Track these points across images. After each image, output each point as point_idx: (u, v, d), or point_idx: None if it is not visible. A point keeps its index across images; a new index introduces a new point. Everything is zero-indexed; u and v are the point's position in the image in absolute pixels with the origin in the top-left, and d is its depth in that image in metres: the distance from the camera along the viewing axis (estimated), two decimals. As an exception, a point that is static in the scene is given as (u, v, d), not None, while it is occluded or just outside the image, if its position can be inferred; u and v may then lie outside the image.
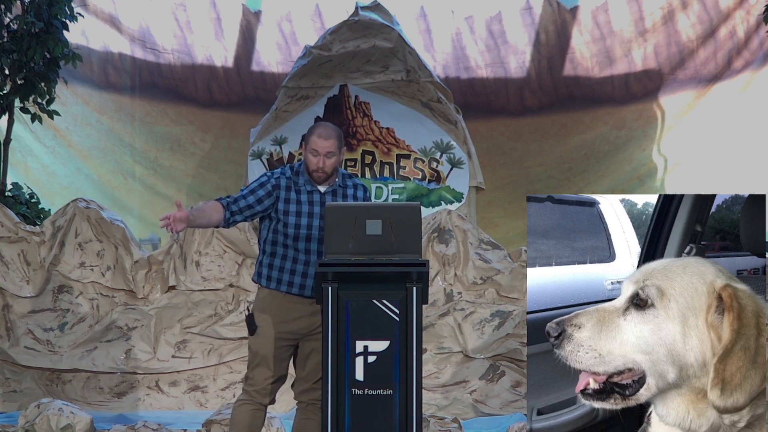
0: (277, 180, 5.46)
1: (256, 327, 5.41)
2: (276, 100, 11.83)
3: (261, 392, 5.44)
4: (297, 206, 5.41)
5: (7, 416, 7.81)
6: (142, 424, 7.21)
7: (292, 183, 5.45)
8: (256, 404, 5.45)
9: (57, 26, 10.24)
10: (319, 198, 5.43)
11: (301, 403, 5.53)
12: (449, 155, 11.50)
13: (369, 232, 4.98)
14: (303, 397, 5.51)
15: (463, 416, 7.78)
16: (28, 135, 12.80)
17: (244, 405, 5.46)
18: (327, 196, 5.43)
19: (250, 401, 5.46)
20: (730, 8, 13.93)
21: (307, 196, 5.42)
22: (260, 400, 5.45)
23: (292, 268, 5.40)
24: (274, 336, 5.39)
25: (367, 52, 11.43)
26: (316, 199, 5.42)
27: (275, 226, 5.43)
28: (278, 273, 5.43)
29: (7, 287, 8.42)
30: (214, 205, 5.42)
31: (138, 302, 8.47)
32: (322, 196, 5.43)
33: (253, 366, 5.46)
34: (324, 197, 5.42)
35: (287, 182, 5.45)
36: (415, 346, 4.95)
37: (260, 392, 5.44)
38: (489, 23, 14.41)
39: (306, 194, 5.43)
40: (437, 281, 8.42)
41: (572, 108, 14.35)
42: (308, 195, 5.43)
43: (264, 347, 5.40)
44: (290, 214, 5.40)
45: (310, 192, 5.43)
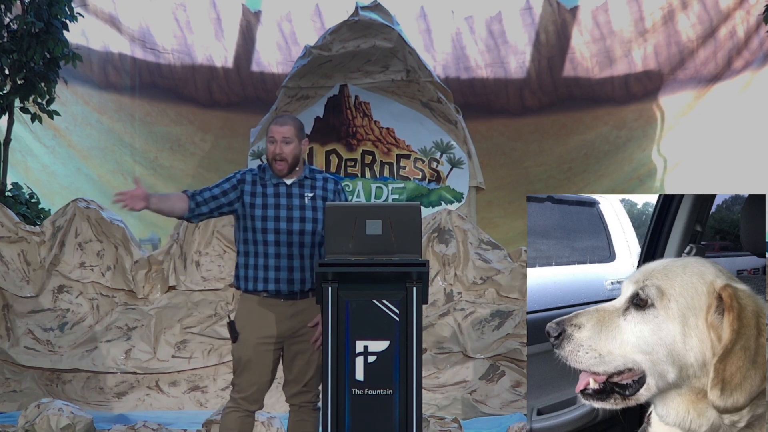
0: (243, 175, 5.46)
1: (238, 334, 5.39)
2: (276, 100, 11.84)
3: (248, 399, 5.43)
4: (263, 199, 5.39)
5: (7, 416, 7.81)
6: (142, 424, 7.21)
7: (258, 178, 5.44)
8: (243, 411, 5.44)
9: (57, 26, 10.24)
10: (285, 190, 5.40)
11: (293, 406, 5.52)
12: (449, 155, 11.50)
13: (369, 232, 4.98)
14: (294, 400, 5.50)
15: (463, 416, 7.78)
16: (28, 135, 12.80)
17: (232, 412, 5.45)
18: (294, 188, 5.40)
19: (238, 408, 5.44)
20: (730, 8, 13.94)
21: (273, 189, 5.40)
22: (248, 407, 5.45)
23: (265, 263, 5.37)
24: (255, 342, 5.37)
25: (367, 52, 11.43)
26: (282, 191, 5.40)
27: (245, 224, 5.42)
28: (253, 271, 5.40)
29: (7, 287, 8.42)
30: (180, 195, 5.42)
31: (138, 302, 8.47)
32: (289, 188, 5.40)
33: (238, 373, 5.44)
34: (290, 189, 5.40)
35: (253, 177, 5.44)
36: (415, 346, 4.95)
37: (247, 399, 5.43)
38: (489, 23, 14.41)
39: (272, 187, 5.41)
40: (437, 281, 8.42)
41: (572, 108, 14.36)
42: (274, 188, 5.41)
43: (247, 354, 5.39)
44: (256, 207, 5.38)
45: (276, 185, 5.41)
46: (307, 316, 5.39)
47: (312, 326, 5.36)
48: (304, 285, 5.38)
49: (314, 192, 5.42)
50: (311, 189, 5.43)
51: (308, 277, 5.38)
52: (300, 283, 5.38)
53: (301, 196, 5.40)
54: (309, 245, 5.38)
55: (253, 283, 5.40)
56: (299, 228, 5.37)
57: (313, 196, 5.41)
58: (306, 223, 5.37)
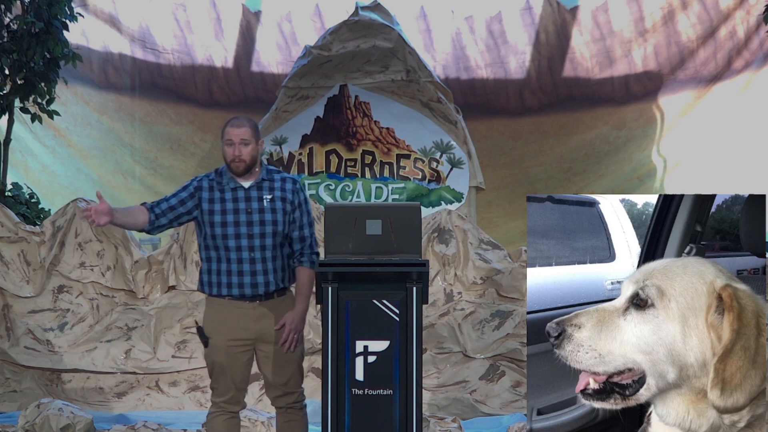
0: (200, 182, 5.44)
1: (208, 339, 5.39)
2: (276, 100, 11.84)
3: (229, 402, 5.44)
4: (221, 204, 5.37)
5: (7, 416, 7.81)
6: (142, 424, 7.21)
7: (215, 183, 5.42)
8: (227, 414, 5.45)
9: (57, 26, 10.24)
10: (243, 194, 5.38)
11: (279, 409, 5.51)
12: (449, 155, 11.50)
13: (369, 232, 4.99)
14: (279, 403, 5.50)
15: (463, 416, 7.78)
16: (28, 135, 12.80)
17: (217, 417, 5.45)
18: (252, 191, 5.38)
19: (222, 412, 5.44)
20: (730, 8, 13.94)
21: (231, 194, 5.38)
22: (231, 409, 5.45)
23: (228, 268, 5.36)
24: (225, 345, 5.37)
25: (367, 52, 11.44)
26: (240, 195, 5.38)
27: (205, 230, 5.40)
28: (216, 277, 5.39)
29: (7, 287, 8.42)
30: (140, 208, 5.41)
31: (138, 302, 8.46)
32: (246, 191, 5.39)
33: (214, 377, 5.44)
34: (248, 193, 5.38)
35: (210, 183, 5.42)
36: (415, 346, 4.95)
37: (228, 402, 5.44)
38: (489, 23, 14.41)
39: (230, 192, 5.39)
40: (437, 281, 8.41)
41: (572, 108, 14.36)
42: (232, 192, 5.39)
43: (220, 357, 5.38)
44: (215, 214, 5.36)
45: (234, 189, 5.39)
46: (273, 318, 5.37)
47: (278, 329, 5.35)
48: (268, 287, 5.37)
49: (272, 194, 5.40)
50: (269, 191, 5.40)
51: (272, 279, 5.37)
52: (264, 286, 5.36)
53: (259, 199, 5.38)
54: (270, 247, 5.36)
55: (217, 288, 5.39)
56: (259, 231, 5.35)
57: (272, 197, 5.39)
58: (266, 226, 5.35)
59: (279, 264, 5.38)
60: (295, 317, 5.34)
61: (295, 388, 5.45)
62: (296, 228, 5.42)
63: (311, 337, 8.18)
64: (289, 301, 5.43)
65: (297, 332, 5.33)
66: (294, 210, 5.42)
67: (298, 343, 5.36)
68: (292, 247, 5.44)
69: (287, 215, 5.39)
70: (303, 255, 5.43)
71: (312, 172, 11.57)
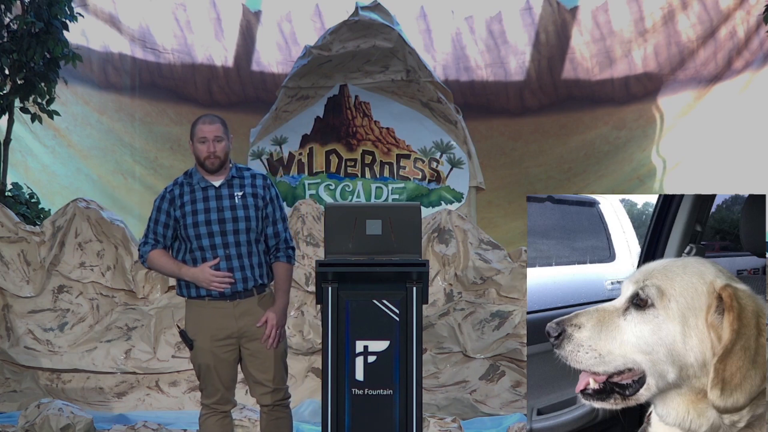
0: (170, 192, 5.44)
1: (192, 341, 5.39)
2: (276, 100, 11.83)
3: (219, 402, 5.44)
4: (192, 206, 5.38)
5: (7, 416, 7.81)
6: (142, 424, 7.21)
7: (185, 186, 5.43)
8: (219, 414, 5.45)
9: (57, 26, 10.24)
10: (214, 192, 5.39)
11: (265, 407, 5.48)
12: (449, 155, 11.50)
13: (369, 232, 4.99)
14: (266, 401, 5.47)
15: (463, 416, 7.78)
16: (28, 135, 12.80)
17: (209, 418, 5.46)
18: (222, 189, 5.40)
19: (213, 413, 5.45)
20: (730, 8, 13.93)
21: (202, 193, 5.40)
22: (222, 409, 5.46)
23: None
24: (209, 346, 5.37)
25: (367, 52, 11.44)
26: (211, 194, 5.39)
27: (179, 233, 5.41)
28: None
29: (7, 287, 8.42)
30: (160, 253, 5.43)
31: (138, 302, 8.47)
32: (217, 190, 5.40)
33: (202, 378, 5.44)
34: (219, 191, 5.40)
35: (180, 189, 5.43)
36: (415, 346, 4.95)
37: (219, 402, 5.44)
38: (489, 23, 14.41)
39: (201, 191, 5.40)
40: (437, 281, 8.41)
41: (572, 108, 14.36)
42: (203, 192, 5.40)
43: (206, 359, 5.38)
44: (188, 215, 5.37)
45: (205, 188, 5.40)
46: (254, 315, 5.37)
47: (260, 326, 5.36)
48: (246, 284, 5.37)
49: (243, 190, 5.41)
50: (240, 188, 5.42)
51: (249, 275, 5.37)
52: (242, 282, 5.36)
53: (230, 197, 5.39)
54: (245, 243, 5.37)
55: (195, 290, 5.39)
56: (232, 228, 5.35)
57: (243, 194, 5.40)
58: (239, 223, 5.36)
59: (255, 260, 5.39)
60: (277, 313, 5.35)
61: (281, 385, 5.45)
62: (269, 224, 5.44)
63: (311, 337, 8.19)
64: (269, 298, 5.44)
65: (279, 328, 5.34)
66: (266, 206, 5.43)
67: (281, 339, 5.36)
68: (267, 244, 5.45)
69: (260, 211, 5.41)
70: (279, 250, 5.45)
71: (312, 172, 11.57)
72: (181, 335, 5.42)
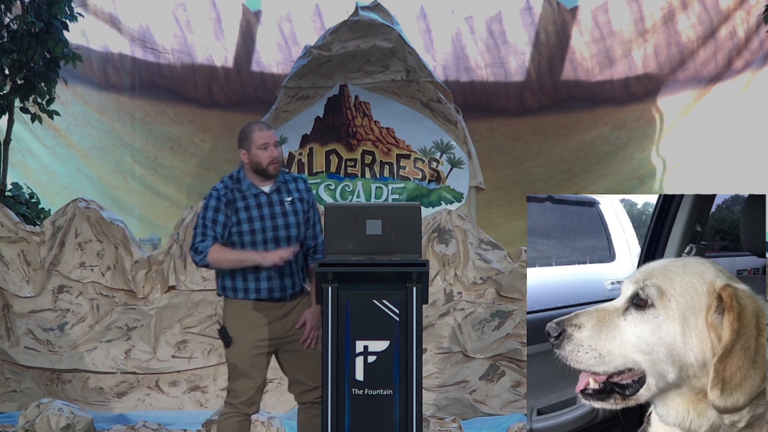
0: (226, 196, 5.43)
1: (231, 339, 5.39)
2: (276, 100, 11.84)
3: (246, 403, 5.43)
4: (247, 212, 5.39)
5: (7, 416, 7.81)
6: (142, 424, 7.21)
7: (236, 191, 5.44)
8: (241, 416, 5.44)
9: (57, 26, 10.24)
10: (266, 199, 5.42)
11: (304, 404, 5.52)
12: (449, 155, 11.50)
13: (369, 232, 4.99)
14: (305, 398, 5.51)
15: (463, 416, 7.78)
16: (28, 135, 12.79)
17: (230, 418, 5.45)
18: (273, 196, 5.43)
19: (236, 413, 5.44)
20: (730, 8, 13.93)
21: (255, 200, 5.42)
22: (245, 411, 5.45)
23: (256, 275, 5.37)
24: (250, 346, 5.38)
25: (367, 52, 11.44)
26: (263, 200, 5.42)
27: (231, 239, 5.40)
28: (242, 283, 5.39)
29: (7, 287, 8.42)
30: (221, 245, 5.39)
31: (138, 302, 8.46)
32: (269, 196, 5.43)
33: (234, 378, 5.44)
34: (270, 197, 5.42)
35: (232, 195, 5.43)
36: (415, 346, 4.95)
37: (245, 403, 5.43)
38: (489, 23, 14.41)
39: (253, 198, 5.42)
40: (437, 281, 8.41)
41: (572, 108, 14.35)
42: (255, 198, 5.42)
43: (242, 359, 5.39)
44: (243, 222, 5.38)
45: (256, 195, 5.42)
46: (295, 316, 5.42)
47: (299, 327, 5.39)
48: (294, 288, 5.44)
49: (292, 196, 5.45)
50: (288, 193, 5.46)
51: (297, 281, 5.44)
52: (291, 287, 5.42)
53: (281, 203, 5.42)
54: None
55: (243, 293, 5.40)
56: (285, 234, 5.40)
57: (292, 200, 5.45)
58: (290, 229, 5.41)
59: (300, 264, 5.46)
60: (315, 314, 5.38)
61: (319, 383, 5.47)
62: (310, 226, 5.50)
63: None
64: (307, 299, 5.48)
65: (318, 329, 5.36)
66: (309, 209, 5.50)
67: (319, 339, 5.38)
68: (305, 246, 5.48)
69: (305, 215, 5.45)
70: (317, 252, 5.49)
71: (312, 172, 11.57)
72: (221, 332, 5.42)
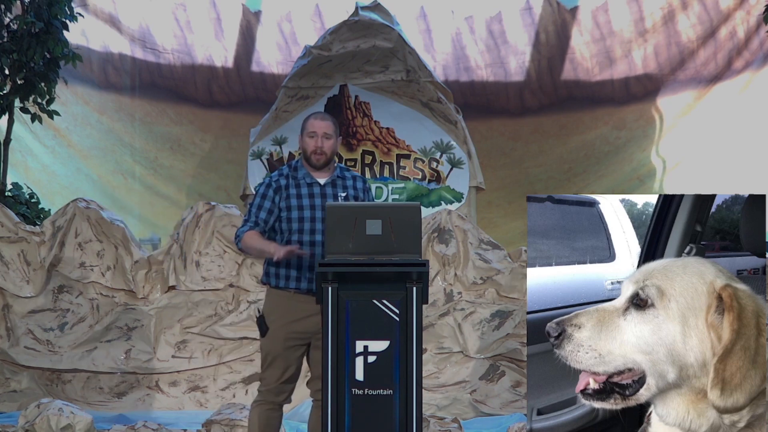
0: (277, 183, 5.50)
1: (267, 328, 5.44)
2: (276, 100, 11.84)
3: (274, 391, 5.49)
4: (298, 200, 5.46)
5: (7, 416, 7.81)
6: (142, 424, 7.21)
7: (291, 179, 5.50)
8: (270, 404, 5.51)
9: (57, 26, 10.24)
10: (319, 190, 5.48)
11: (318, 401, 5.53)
12: (449, 155, 11.50)
13: (369, 232, 4.98)
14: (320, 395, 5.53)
15: (463, 416, 7.78)
16: (28, 135, 12.80)
17: (259, 406, 5.53)
18: (327, 188, 5.49)
19: (264, 401, 5.51)
20: (730, 8, 13.94)
21: (308, 189, 5.48)
22: (273, 399, 5.50)
23: (299, 263, 5.43)
24: (284, 336, 5.43)
25: (367, 52, 11.44)
26: (316, 191, 5.48)
27: (278, 224, 5.47)
28: (285, 270, 5.46)
29: (7, 287, 8.42)
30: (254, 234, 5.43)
31: (138, 302, 8.47)
32: (322, 188, 5.49)
33: (265, 366, 5.51)
34: (324, 189, 5.48)
35: (286, 181, 5.50)
36: (415, 346, 4.95)
37: (273, 391, 5.49)
38: (489, 23, 14.41)
39: (306, 187, 5.48)
40: (437, 281, 8.42)
41: (572, 108, 14.36)
42: (308, 188, 5.48)
43: (275, 348, 5.45)
44: (293, 209, 5.45)
45: (310, 185, 5.48)
46: None
47: None
48: None
49: (346, 192, 5.52)
50: (343, 189, 5.53)
51: None
52: None
53: (334, 196, 5.48)
54: None
55: (285, 281, 5.46)
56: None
57: (346, 195, 5.51)
58: None
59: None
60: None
61: None
62: None
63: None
64: None
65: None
66: None
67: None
68: None
69: None
70: None
71: (312, 172, 11.56)
72: (258, 320, 5.47)
